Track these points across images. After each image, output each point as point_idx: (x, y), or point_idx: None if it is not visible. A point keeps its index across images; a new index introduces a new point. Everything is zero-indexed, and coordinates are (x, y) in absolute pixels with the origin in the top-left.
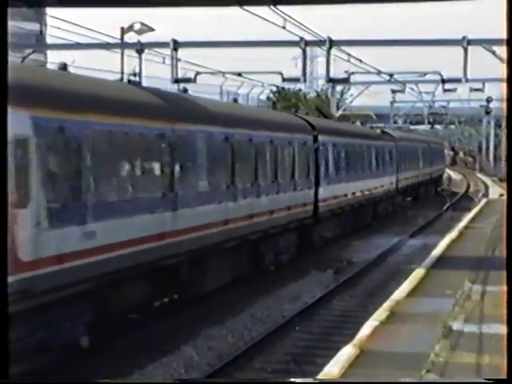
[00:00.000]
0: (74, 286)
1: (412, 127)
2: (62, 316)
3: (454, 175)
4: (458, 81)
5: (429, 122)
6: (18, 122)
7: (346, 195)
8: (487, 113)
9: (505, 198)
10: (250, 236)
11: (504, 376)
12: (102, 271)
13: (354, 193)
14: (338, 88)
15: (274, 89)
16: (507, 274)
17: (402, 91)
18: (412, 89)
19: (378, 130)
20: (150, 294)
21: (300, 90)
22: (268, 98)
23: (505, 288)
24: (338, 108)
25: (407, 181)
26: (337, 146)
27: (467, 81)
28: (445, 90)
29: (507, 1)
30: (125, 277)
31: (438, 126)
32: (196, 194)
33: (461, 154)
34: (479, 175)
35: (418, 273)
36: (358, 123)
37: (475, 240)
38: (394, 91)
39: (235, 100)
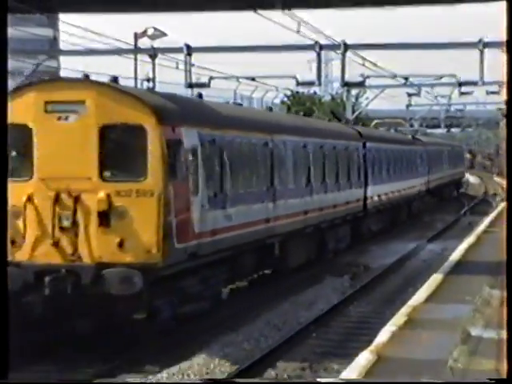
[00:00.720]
0: (219, 253)
1: (428, 131)
2: (211, 274)
3: (472, 179)
4: (474, 84)
5: (445, 126)
6: (192, 136)
7: (386, 194)
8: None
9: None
10: (320, 225)
11: None
12: (234, 243)
13: (393, 192)
14: (354, 91)
15: (289, 93)
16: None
17: (418, 94)
18: (428, 92)
19: (409, 136)
20: (256, 265)
21: (315, 93)
22: (282, 102)
23: None
24: (353, 112)
25: (435, 182)
26: (379, 151)
27: (484, 84)
28: (461, 93)
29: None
30: (246, 249)
31: (454, 130)
32: (287, 190)
33: (478, 158)
34: (497, 179)
35: (436, 278)
36: (392, 130)
37: (494, 245)
38: (409, 94)
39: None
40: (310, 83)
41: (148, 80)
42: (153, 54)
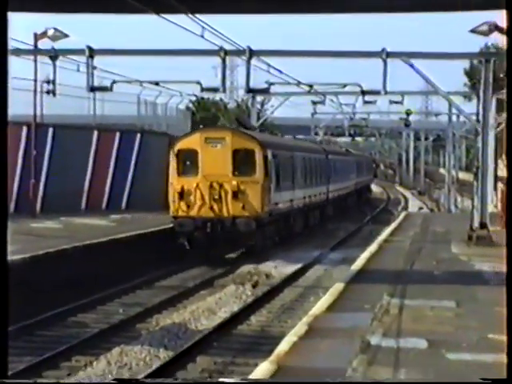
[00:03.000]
0: (277, 215)
1: (333, 139)
2: (275, 227)
3: (375, 188)
4: (377, 93)
5: (349, 134)
6: (270, 154)
7: (337, 190)
8: (406, 125)
9: (433, 212)
10: (309, 206)
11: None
12: (280, 212)
13: (340, 189)
14: (259, 99)
15: (194, 98)
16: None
17: (323, 103)
18: (332, 100)
19: (344, 149)
20: (283, 228)
21: (221, 99)
22: (187, 108)
23: (421, 302)
24: (258, 119)
25: (359, 184)
26: (334, 160)
27: (386, 93)
28: (365, 102)
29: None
30: (284, 216)
31: (358, 138)
32: (298, 184)
33: (381, 167)
34: (399, 188)
35: (338, 287)
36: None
37: (394, 253)
38: (314, 102)
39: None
40: (215, 89)
41: (48, 82)
42: (53, 55)
